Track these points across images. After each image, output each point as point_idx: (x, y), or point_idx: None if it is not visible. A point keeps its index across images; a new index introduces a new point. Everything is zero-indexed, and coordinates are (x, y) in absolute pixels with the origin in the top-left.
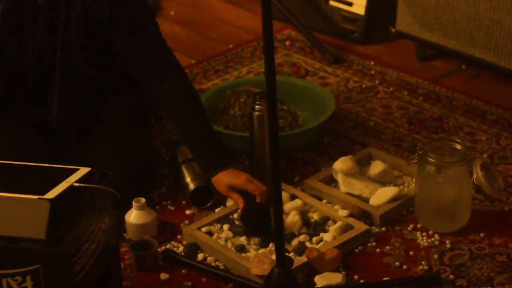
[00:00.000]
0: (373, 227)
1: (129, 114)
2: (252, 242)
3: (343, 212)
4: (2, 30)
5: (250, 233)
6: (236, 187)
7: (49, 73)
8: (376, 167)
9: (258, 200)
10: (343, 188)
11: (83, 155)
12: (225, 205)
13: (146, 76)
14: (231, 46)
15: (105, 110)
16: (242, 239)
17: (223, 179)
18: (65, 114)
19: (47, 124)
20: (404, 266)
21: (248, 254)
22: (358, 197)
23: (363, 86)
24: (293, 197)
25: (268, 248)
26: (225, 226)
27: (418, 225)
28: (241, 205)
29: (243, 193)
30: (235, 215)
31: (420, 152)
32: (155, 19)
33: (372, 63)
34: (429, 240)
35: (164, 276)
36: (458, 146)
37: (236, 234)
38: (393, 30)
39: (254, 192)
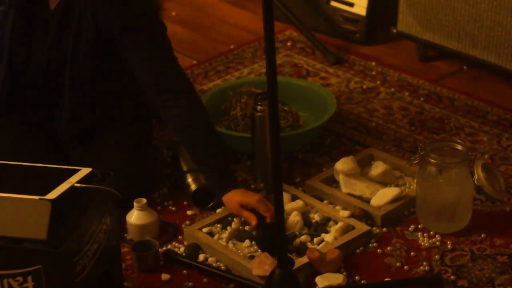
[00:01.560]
0: (374, 228)
1: (131, 115)
2: (253, 242)
3: (344, 213)
4: (11, 37)
5: (264, 249)
6: (248, 205)
7: (57, 82)
8: (378, 167)
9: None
10: (344, 188)
11: (85, 155)
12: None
13: (154, 91)
14: (232, 46)
15: (108, 113)
16: (246, 242)
17: (235, 197)
18: (74, 120)
19: (54, 130)
20: (405, 267)
21: (250, 254)
22: (359, 197)
23: (364, 86)
24: (294, 198)
25: None
26: (228, 228)
27: (419, 226)
28: (254, 222)
29: (253, 212)
30: (235, 219)
31: (421, 153)
32: (167, 34)
33: (373, 63)
34: (430, 241)
35: (165, 276)
36: (459, 147)
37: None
38: (394, 30)
39: (265, 214)
